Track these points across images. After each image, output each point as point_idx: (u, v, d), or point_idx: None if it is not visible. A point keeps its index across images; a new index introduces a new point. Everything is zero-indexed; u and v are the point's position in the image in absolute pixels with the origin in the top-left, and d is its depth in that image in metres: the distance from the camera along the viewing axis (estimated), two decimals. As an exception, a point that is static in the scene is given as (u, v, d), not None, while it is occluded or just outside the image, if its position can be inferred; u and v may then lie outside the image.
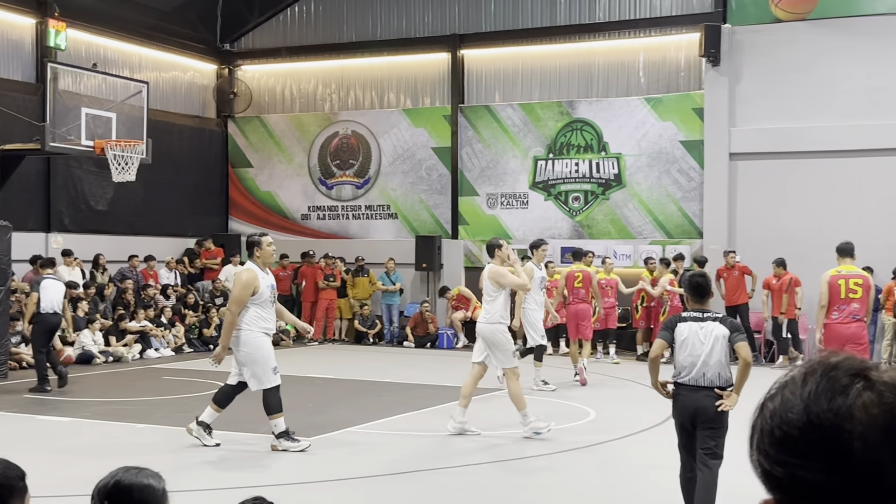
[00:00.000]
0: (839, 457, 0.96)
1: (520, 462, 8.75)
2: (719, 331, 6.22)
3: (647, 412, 11.03)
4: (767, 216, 17.78)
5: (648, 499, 7.56)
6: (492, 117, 20.49)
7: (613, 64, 19.61)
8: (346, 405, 11.91)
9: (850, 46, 17.31)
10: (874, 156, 17.09)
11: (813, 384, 1.01)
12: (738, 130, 18.11)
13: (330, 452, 9.08)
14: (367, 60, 21.71)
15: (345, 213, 22.02)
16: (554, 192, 19.96)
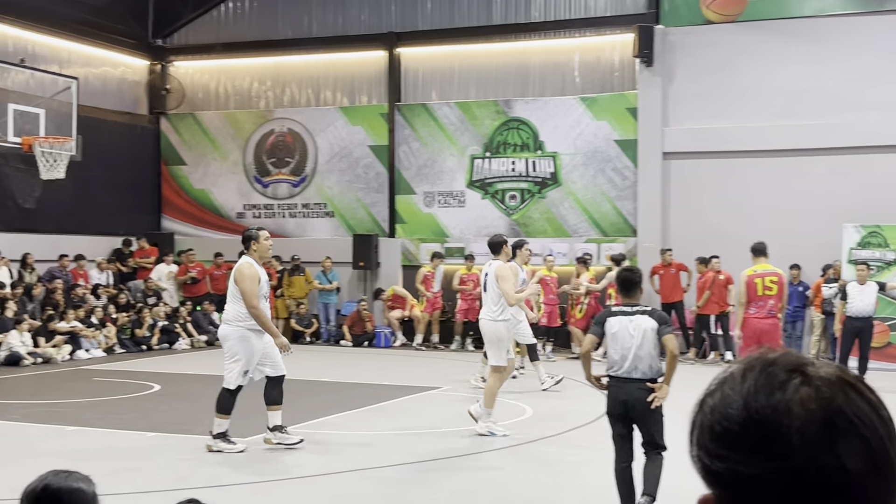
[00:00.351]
0: (778, 451, 0.97)
1: (455, 460, 8.77)
2: (648, 324, 6.39)
3: (583, 408, 11.15)
4: (700, 214, 18.09)
5: (583, 494, 7.64)
6: (429, 116, 20.50)
7: (549, 63, 19.76)
8: (288, 404, 11.78)
9: (779, 48, 17.69)
10: (803, 155, 17.48)
11: (752, 380, 1.03)
12: (671, 130, 18.39)
13: (265, 453, 8.99)
14: (304, 58, 21.54)
15: (281, 211, 21.84)
16: (491, 190, 20.04)
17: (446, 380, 14.09)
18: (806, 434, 0.97)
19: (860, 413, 0.99)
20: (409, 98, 20.86)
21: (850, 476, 0.96)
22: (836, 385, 1.01)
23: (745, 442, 0.99)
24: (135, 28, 21.94)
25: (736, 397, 1.02)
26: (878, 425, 0.99)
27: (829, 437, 0.97)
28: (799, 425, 0.97)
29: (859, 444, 0.97)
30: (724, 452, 1.01)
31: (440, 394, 12.91)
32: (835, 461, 0.96)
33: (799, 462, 0.97)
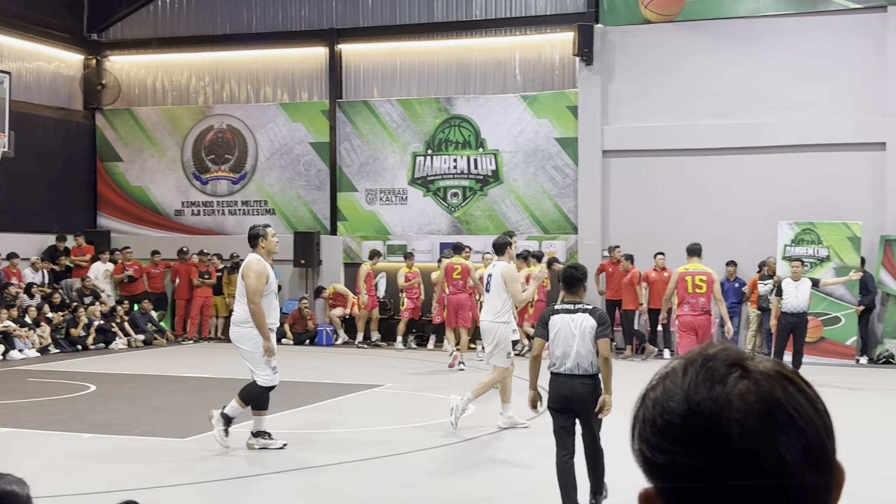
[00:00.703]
0: (718, 442, 0.99)
1: (397, 458, 8.75)
2: (588, 322, 6.51)
3: (524, 406, 11.20)
4: (639, 212, 18.30)
5: (523, 490, 7.67)
6: (370, 113, 20.43)
7: (490, 61, 19.83)
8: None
9: (716, 48, 17.98)
10: (740, 154, 17.79)
11: (692, 374, 1.04)
12: (611, 128, 18.57)
13: (205, 453, 8.88)
14: (243, 53, 21.31)
15: (220, 208, 21.58)
16: (433, 187, 20.05)
17: (389, 378, 14.06)
18: (745, 426, 0.98)
19: (798, 406, 1.01)
20: (351, 95, 20.77)
21: (788, 467, 0.98)
22: (775, 379, 1.03)
23: (685, 434, 1.01)
24: (69, 22, 21.49)
25: (677, 391, 1.03)
26: (814, 418, 1.01)
27: (767, 430, 0.98)
28: (738, 417, 0.99)
29: (797, 437, 0.99)
30: (665, 445, 1.02)
31: (383, 392, 12.88)
32: (773, 453, 0.98)
33: (738, 452, 0.98)
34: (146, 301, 19.50)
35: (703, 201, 17.94)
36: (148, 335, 18.94)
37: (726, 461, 0.98)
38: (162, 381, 13.67)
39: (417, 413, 11.03)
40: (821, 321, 16.29)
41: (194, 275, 19.97)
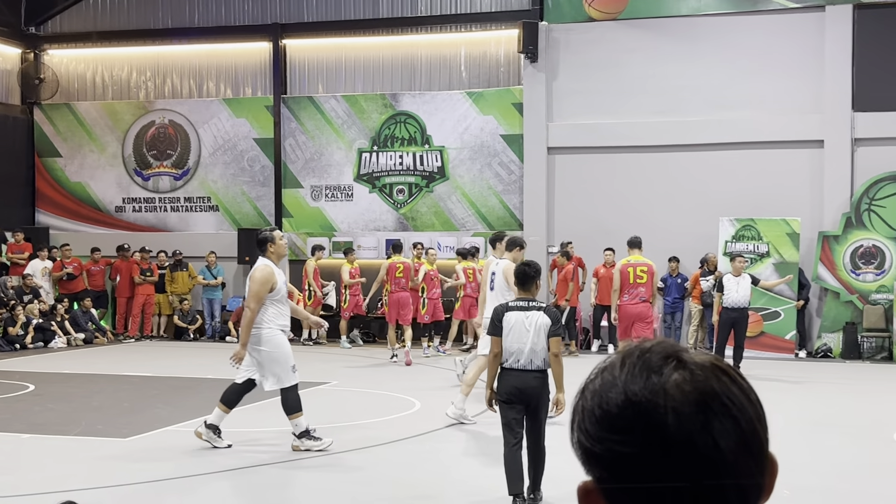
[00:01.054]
0: (654, 430, 1.01)
1: (344, 455, 8.72)
2: (542, 320, 6.65)
3: (470, 401, 11.24)
4: (583, 208, 18.45)
5: (470, 485, 7.69)
6: (315, 109, 20.30)
7: (436, 57, 19.83)
8: (165, 403, 11.52)
9: (659, 46, 18.18)
10: (682, 151, 18.02)
11: (630, 365, 1.07)
12: (556, 125, 18.69)
13: (147, 453, 8.75)
14: (185, 48, 21.03)
15: (162, 205, 21.29)
16: (379, 184, 19.99)
17: (334, 375, 14.00)
18: (681, 413, 1.01)
19: (732, 396, 1.04)
20: (296, 90, 20.62)
21: (722, 454, 1.01)
22: (710, 370, 1.06)
23: (622, 423, 1.03)
24: (6, 15, 21.01)
25: (615, 382, 1.06)
26: (748, 407, 1.04)
27: (702, 417, 1.01)
28: (674, 406, 1.02)
29: (731, 425, 1.02)
30: (603, 434, 1.04)
31: (329, 389, 12.82)
32: (708, 439, 1.01)
33: (674, 440, 1.01)
34: (87, 299, 19.17)
35: (646, 197, 18.14)
36: (88, 334, 18.61)
37: (662, 448, 1.01)
38: (103, 381, 13.46)
39: (363, 410, 11.00)
40: (761, 316, 16.58)
41: (136, 272, 19.67)
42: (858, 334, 16.71)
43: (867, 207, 16.95)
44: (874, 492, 7.49)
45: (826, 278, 17.06)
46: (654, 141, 18.10)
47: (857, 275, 16.90)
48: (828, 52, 17.26)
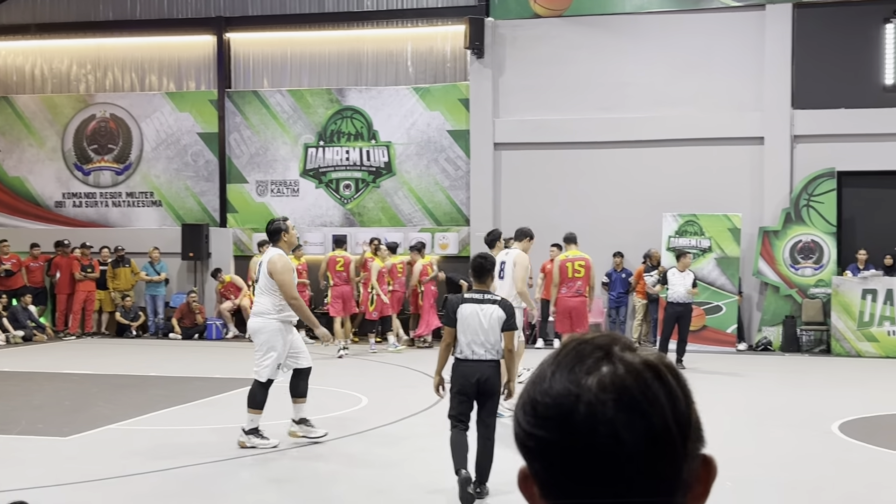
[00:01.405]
0: (567, 419, 1.06)
1: (293, 452, 8.67)
2: (498, 313, 6.78)
3: (418, 396, 11.25)
4: (530, 204, 18.54)
5: (418, 481, 7.70)
6: (260, 103, 20.13)
7: (382, 53, 19.77)
8: (107, 401, 11.35)
9: (603, 43, 18.35)
10: (626, 147, 18.21)
11: (563, 356, 1.11)
12: (502, 121, 18.76)
13: (88, 452, 8.62)
14: (127, 40, 20.70)
15: (104, 200, 20.94)
16: (325, 179, 19.89)
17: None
18: (591, 405, 1.05)
19: (647, 393, 1.06)
20: (240, 85, 20.42)
21: (623, 446, 1.04)
22: (636, 366, 1.08)
23: (544, 411, 1.08)
24: (-60, 4, 20.49)
25: (547, 372, 1.10)
26: (665, 407, 1.06)
27: (609, 411, 1.05)
28: (588, 398, 1.05)
29: (639, 421, 1.05)
30: (531, 421, 1.09)
31: (274, 386, 12.70)
32: (610, 430, 1.04)
33: (580, 430, 1.05)
34: (27, 296, 18.79)
35: (591, 193, 18.30)
36: (28, 331, 18.25)
37: (571, 437, 1.05)
38: (43, 379, 13.21)
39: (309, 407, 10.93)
40: (703, 310, 16.84)
41: (76, 268, 19.33)
42: (797, 328, 17.06)
43: (806, 203, 17.30)
44: (814, 482, 7.66)
45: (766, 273, 17.38)
46: (599, 137, 18.26)
47: (796, 269, 17.24)
48: (768, 50, 17.57)
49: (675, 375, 1.10)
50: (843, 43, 17.39)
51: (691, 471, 1.09)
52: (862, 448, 8.85)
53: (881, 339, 16.25)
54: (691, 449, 1.08)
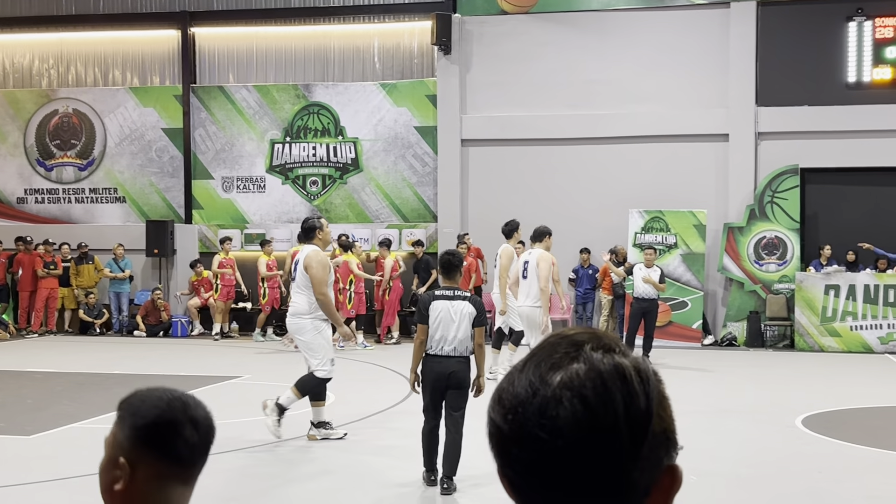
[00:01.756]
0: (529, 412, 1.07)
1: (259, 449, 8.62)
2: (468, 309, 6.96)
3: (386, 393, 11.24)
4: (497, 200, 18.57)
5: (387, 476, 7.68)
6: (226, 98, 19.98)
7: (349, 48, 19.70)
8: (70, 399, 11.22)
9: (570, 40, 18.41)
10: (592, 143, 18.29)
11: (539, 350, 1.12)
12: (469, 117, 18.77)
13: (52, 450, 8.51)
14: (90, 35, 20.46)
15: (67, 196, 20.70)
16: (292, 175, 19.80)
17: (246, 369, 13.83)
18: (545, 399, 1.06)
19: (602, 391, 1.06)
20: (205, 80, 20.25)
21: (563, 438, 1.05)
22: (597, 365, 1.09)
23: (508, 403, 1.10)
24: None
25: (521, 365, 1.12)
26: (619, 404, 1.06)
27: (560, 405, 1.06)
28: (545, 393, 1.07)
29: (584, 416, 1.05)
30: (494, 409, 1.12)
31: (240, 383, 12.66)
32: (553, 422, 1.05)
33: (529, 421, 1.07)
34: (-13, 293, 18.54)
35: (557, 189, 18.36)
36: (-11, 329, 18.01)
37: (518, 426, 1.08)
38: (5, 377, 13.03)
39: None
40: (669, 306, 16.96)
41: (39, 265, 19.08)
42: (762, 323, 17.23)
43: (770, 200, 17.47)
44: (778, 476, 7.74)
45: (731, 269, 17.54)
46: (566, 134, 18.33)
47: (760, 265, 17.42)
48: (733, 47, 17.72)
49: (643, 380, 1.09)
50: (806, 41, 17.58)
51: (650, 477, 1.08)
52: (824, 442, 8.96)
53: (843, 335, 16.46)
54: (648, 454, 1.07)
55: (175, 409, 1.86)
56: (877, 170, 17.42)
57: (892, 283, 16.34)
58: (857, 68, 17.39)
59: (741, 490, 7.10)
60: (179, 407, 1.87)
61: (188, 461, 1.84)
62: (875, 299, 16.35)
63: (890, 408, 10.87)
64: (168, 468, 1.81)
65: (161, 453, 1.81)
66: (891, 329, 16.30)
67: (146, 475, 1.79)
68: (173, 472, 1.82)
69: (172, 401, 1.88)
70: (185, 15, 19.97)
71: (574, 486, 1.06)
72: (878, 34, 17.28)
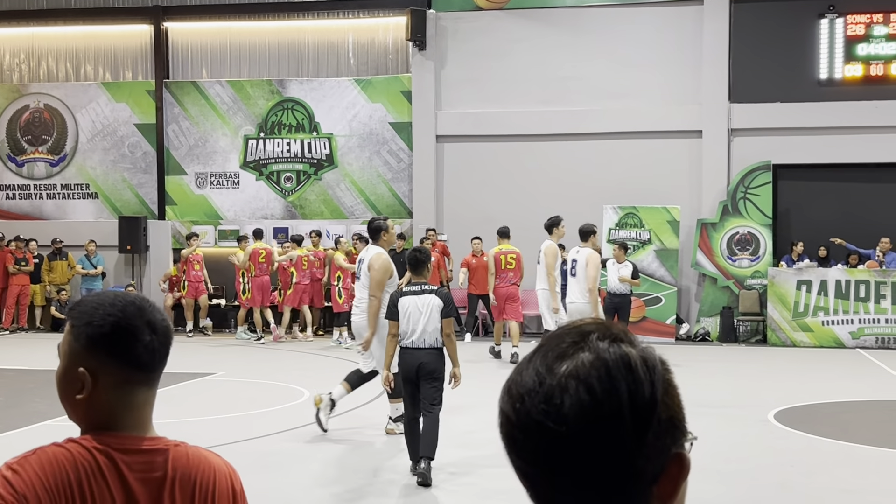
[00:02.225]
0: (535, 400, 1.09)
1: (234, 446, 8.58)
2: (435, 302, 7.28)
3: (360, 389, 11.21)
4: (472, 196, 18.60)
5: (363, 471, 7.68)
6: (199, 94, 19.85)
7: (323, 44, 19.63)
8: (43, 397, 11.10)
9: (545, 36, 18.44)
10: (567, 140, 18.34)
11: (546, 341, 1.14)
12: (444, 113, 18.76)
13: (23, 449, 8.41)
14: (61, 29, 20.27)
15: (38, 192, 20.50)
16: (266, 171, 19.71)
17: (221, 366, 13.77)
18: (551, 388, 1.08)
19: (607, 380, 1.08)
20: (178, 75, 20.11)
21: (567, 426, 1.06)
22: (603, 354, 1.10)
23: (515, 392, 1.11)
24: None
25: (530, 356, 1.14)
26: (623, 393, 1.08)
27: (566, 394, 1.07)
28: (551, 381, 1.08)
29: (589, 404, 1.06)
30: (504, 399, 1.13)
31: (215, 380, 12.59)
32: (557, 410, 1.07)
33: (534, 408, 1.08)
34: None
35: (532, 185, 18.40)
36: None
37: (525, 414, 1.09)
38: (-25, 376, 12.89)
39: (250, 401, 10.85)
40: (643, 301, 17.04)
41: (10, 262, 18.89)
42: (735, 318, 17.35)
43: (742, 196, 17.59)
44: (750, 469, 7.80)
45: (704, 264, 17.65)
46: (541, 130, 18.36)
47: (733, 261, 17.54)
48: (706, 44, 17.82)
49: (649, 368, 1.10)
50: (778, 38, 17.71)
51: (657, 464, 1.09)
52: (796, 436, 9.04)
53: (815, 329, 16.61)
54: (654, 441, 1.09)
55: (131, 315, 1.83)
56: (848, 166, 17.59)
57: (863, 278, 16.50)
58: (828, 65, 17.54)
59: (713, 484, 7.15)
60: (135, 312, 1.83)
61: (149, 365, 1.83)
62: (846, 294, 16.51)
63: (861, 402, 10.99)
64: (131, 374, 1.80)
65: (122, 361, 1.79)
66: (862, 324, 16.47)
67: (108, 383, 1.78)
68: (136, 378, 1.81)
69: (126, 306, 1.83)
70: (157, 9, 19.82)
71: (580, 474, 1.07)
72: (849, 31, 17.44)
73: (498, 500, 6.68)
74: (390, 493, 7.05)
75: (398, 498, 6.93)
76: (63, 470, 1.71)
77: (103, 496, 1.73)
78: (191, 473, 1.82)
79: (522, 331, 16.15)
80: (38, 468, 1.71)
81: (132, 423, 1.80)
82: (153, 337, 1.83)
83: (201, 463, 1.86)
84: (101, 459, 1.74)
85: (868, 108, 17.30)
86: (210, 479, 1.85)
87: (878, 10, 17.38)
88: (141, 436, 1.81)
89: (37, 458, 1.73)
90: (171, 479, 1.80)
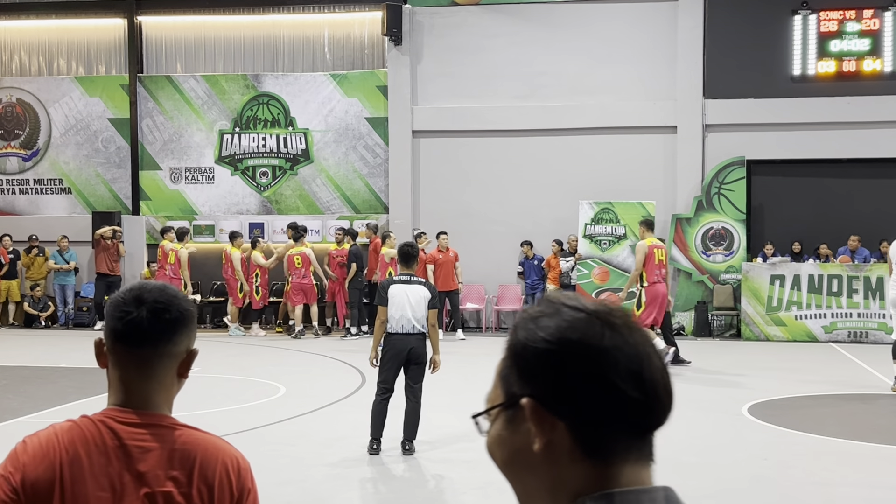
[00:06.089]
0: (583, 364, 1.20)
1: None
2: (423, 292, 7.85)
3: (336, 385, 11.21)
4: (448, 191, 18.61)
5: (338, 468, 7.68)
6: (174, 88, 19.73)
7: (299, 38, 19.55)
8: (15, 393, 11.03)
9: (520, 31, 18.46)
10: (542, 135, 18.38)
11: (592, 313, 1.23)
12: (420, 109, 18.75)
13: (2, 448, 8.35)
14: (34, 23, 20.07)
15: (10, 187, 20.30)
16: (241, 166, 19.62)
17: (197, 362, 13.66)
18: (542, 354, 1.20)
19: (631, 351, 1.24)
20: (153, 69, 19.97)
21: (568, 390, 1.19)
22: (630, 333, 1.25)
23: (557, 360, 1.22)
24: None
25: (552, 324, 1.22)
26: (635, 363, 1.25)
27: (560, 362, 1.20)
28: (612, 344, 1.22)
29: (583, 370, 1.20)
30: (534, 365, 1.23)
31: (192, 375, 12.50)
32: (554, 377, 1.19)
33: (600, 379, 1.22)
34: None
35: (508, 181, 18.43)
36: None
37: (577, 379, 1.21)
38: (-54, 373, 12.76)
39: (226, 396, 10.81)
40: (618, 296, 17.11)
41: (-18, 258, 18.71)
42: (709, 313, 17.47)
43: (717, 191, 17.71)
44: (724, 464, 7.87)
45: (679, 259, 17.75)
46: (516, 125, 18.40)
47: (707, 256, 17.66)
48: (680, 40, 17.91)
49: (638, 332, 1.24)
50: (752, 34, 17.82)
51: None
52: (770, 429, 9.12)
53: (789, 324, 16.76)
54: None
55: (128, 291, 1.98)
56: (821, 161, 17.74)
57: (836, 273, 16.67)
58: (801, 61, 17.68)
59: (687, 478, 7.20)
60: (134, 289, 1.99)
61: (130, 338, 1.95)
62: (819, 289, 16.67)
63: (834, 395, 11.10)
64: (119, 346, 1.95)
65: (107, 333, 1.96)
66: (834, 318, 16.63)
67: (109, 355, 1.99)
68: (123, 351, 1.95)
69: (134, 286, 2.00)
70: (131, 3, 19.67)
71: None
72: (822, 28, 17.59)
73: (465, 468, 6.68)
74: (360, 469, 7.05)
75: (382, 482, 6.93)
76: (67, 442, 1.92)
77: (102, 463, 1.90)
78: (191, 452, 1.93)
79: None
80: (45, 440, 1.94)
81: (137, 399, 1.96)
82: (138, 311, 1.94)
83: (208, 447, 1.98)
84: (103, 431, 1.93)
85: (841, 104, 17.46)
86: (213, 462, 1.96)
87: (851, 6, 17.53)
88: (143, 411, 1.96)
89: (47, 432, 1.97)
90: (169, 452, 1.93)
